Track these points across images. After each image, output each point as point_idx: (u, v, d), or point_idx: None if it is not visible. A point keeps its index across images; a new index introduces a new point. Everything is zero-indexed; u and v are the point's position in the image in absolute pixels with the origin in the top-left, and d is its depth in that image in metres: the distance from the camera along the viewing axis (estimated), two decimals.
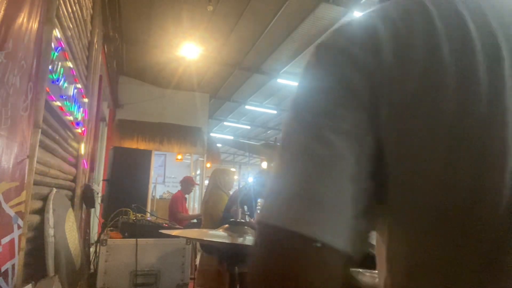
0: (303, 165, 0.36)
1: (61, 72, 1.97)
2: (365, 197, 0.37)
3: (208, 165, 9.19)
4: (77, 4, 2.47)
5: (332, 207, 0.35)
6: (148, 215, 3.69)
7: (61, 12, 2.01)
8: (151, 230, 2.69)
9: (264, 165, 3.14)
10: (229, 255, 1.51)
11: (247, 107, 9.74)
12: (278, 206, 0.36)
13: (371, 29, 0.40)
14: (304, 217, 0.34)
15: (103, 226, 3.09)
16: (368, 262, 0.46)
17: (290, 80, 7.62)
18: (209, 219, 3.33)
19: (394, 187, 0.38)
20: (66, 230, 2.03)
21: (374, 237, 0.47)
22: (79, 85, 2.52)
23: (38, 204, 1.80)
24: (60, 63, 1.93)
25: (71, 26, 2.31)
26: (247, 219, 2.61)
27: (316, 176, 0.35)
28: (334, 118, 0.38)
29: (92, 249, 3.13)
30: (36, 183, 1.65)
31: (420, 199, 0.37)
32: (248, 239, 1.44)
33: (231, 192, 3.47)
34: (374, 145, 0.38)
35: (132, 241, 2.56)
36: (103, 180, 4.69)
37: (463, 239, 0.36)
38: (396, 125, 0.37)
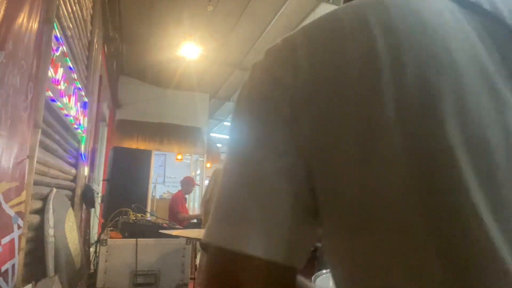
0: (232, 186, 0.40)
1: (61, 72, 1.97)
2: (296, 207, 0.39)
3: (208, 165, 9.19)
4: (77, 4, 2.48)
5: (262, 221, 0.37)
6: (148, 215, 3.69)
7: (61, 12, 2.01)
8: (151, 230, 2.69)
9: None
10: None
11: None
12: (214, 224, 0.39)
13: (292, 46, 0.44)
14: (233, 234, 0.37)
15: (103, 226, 3.09)
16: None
17: None
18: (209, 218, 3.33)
19: (320, 196, 0.40)
20: (66, 230, 2.03)
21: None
22: (79, 85, 2.52)
23: (38, 204, 1.80)
24: (60, 63, 1.94)
25: (71, 26, 2.31)
26: None
27: (244, 194, 0.38)
28: (262, 137, 0.40)
29: (92, 249, 3.13)
30: (36, 183, 1.65)
31: (343, 204, 0.38)
32: None
33: None
34: (298, 157, 0.39)
35: (132, 241, 2.56)
36: (103, 180, 4.69)
37: (385, 240, 0.36)
38: (314, 137, 0.39)
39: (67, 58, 2.11)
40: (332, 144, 0.38)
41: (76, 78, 2.39)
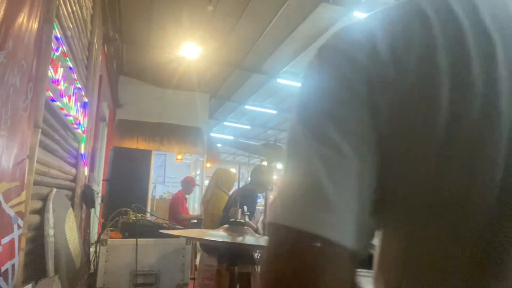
0: (310, 166, 0.37)
1: (61, 72, 1.97)
2: (369, 195, 0.38)
3: (208, 165, 9.19)
4: (77, 4, 2.47)
5: (339, 205, 0.35)
6: (148, 215, 3.69)
7: (61, 12, 2.01)
8: (151, 230, 2.69)
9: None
10: (229, 255, 1.51)
11: (247, 107, 9.74)
12: (287, 206, 0.37)
13: (370, 32, 0.42)
14: (311, 216, 0.35)
15: (103, 226, 3.09)
16: (368, 262, 0.47)
17: (290, 80, 7.62)
18: (210, 218, 3.33)
19: (388, 185, 0.40)
20: (66, 230, 2.03)
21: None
22: (79, 85, 2.52)
23: (38, 204, 1.80)
24: (60, 63, 1.93)
25: (71, 26, 2.31)
26: (247, 219, 2.61)
27: (323, 176, 0.36)
28: (337, 118, 0.39)
29: (92, 249, 3.13)
30: (36, 183, 1.64)
31: (413, 196, 0.38)
32: (248, 239, 1.44)
33: (230, 193, 3.47)
34: (375, 144, 0.39)
35: (132, 241, 2.55)
36: (103, 180, 4.69)
37: (454, 236, 0.37)
38: (392, 126, 0.39)
39: (67, 58, 2.11)
40: (414, 132, 0.38)
41: (76, 78, 2.39)
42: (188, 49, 5.83)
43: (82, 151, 2.93)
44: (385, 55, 0.40)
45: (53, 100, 1.89)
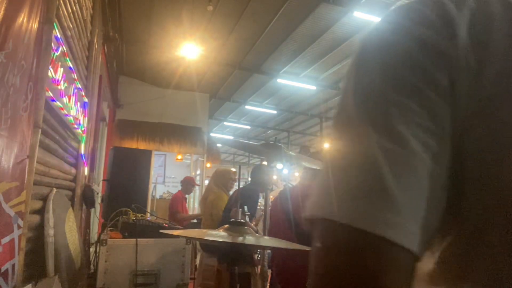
0: (374, 160, 0.33)
1: (61, 72, 1.97)
2: (438, 196, 0.35)
3: (208, 165, 9.19)
4: (77, 4, 2.48)
5: (407, 207, 0.32)
6: (148, 215, 3.69)
7: (61, 12, 2.01)
8: (151, 230, 2.69)
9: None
10: (229, 255, 1.51)
11: (247, 107, 9.74)
12: (346, 202, 0.33)
13: (443, 9, 0.37)
14: (376, 216, 0.32)
15: (103, 226, 3.09)
16: None
17: (290, 80, 7.62)
18: (209, 218, 3.33)
19: (465, 185, 0.35)
20: (66, 230, 2.03)
21: None
22: (79, 85, 2.52)
23: (38, 204, 1.80)
24: (60, 63, 1.93)
25: (71, 26, 2.31)
26: (247, 219, 2.61)
27: (388, 173, 0.32)
28: (404, 109, 0.34)
29: (92, 249, 3.13)
30: (36, 183, 1.65)
31: (496, 199, 0.34)
32: (248, 239, 1.44)
33: (231, 193, 3.47)
34: (451, 142, 0.35)
35: (132, 241, 2.55)
36: (103, 180, 4.69)
37: None
38: (476, 121, 0.35)
39: (67, 58, 2.11)
40: (499, 131, 0.33)
41: (76, 78, 2.39)
42: (188, 49, 5.84)
43: (82, 151, 2.93)
44: (464, 38, 0.35)
45: (53, 100, 1.89)
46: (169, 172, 10.34)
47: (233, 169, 3.83)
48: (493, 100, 0.34)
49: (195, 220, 4.99)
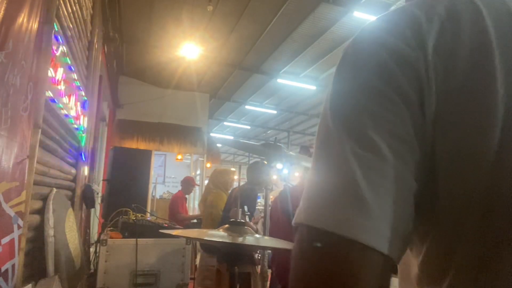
0: (348, 166, 0.35)
1: (61, 72, 1.97)
2: (410, 199, 0.36)
3: (208, 165, 9.19)
4: (77, 4, 2.47)
5: (379, 211, 0.33)
6: (148, 215, 3.69)
7: (61, 12, 2.01)
8: (151, 230, 2.69)
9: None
10: (229, 255, 1.51)
11: (247, 107, 9.74)
12: (320, 208, 0.35)
13: (414, 22, 0.39)
14: (349, 220, 0.33)
15: (103, 226, 3.09)
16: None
17: (290, 80, 7.62)
18: (209, 218, 3.33)
19: (436, 185, 0.37)
20: (66, 230, 2.02)
21: None
22: (79, 85, 2.52)
23: (38, 204, 1.80)
24: (60, 63, 1.93)
25: (71, 26, 2.31)
26: (247, 219, 2.61)
27: (362, 179, 0.34)
28: (376, 117, 0.36)
29: (92, 249, 3.13)
30: (36, 183, 1.64)
31: (466, 195, 0.35)
32: (248, 239, 1.44)
33: (229, 192, 3.47)
34: (420, 145, 0.36)
35: (132, 241, 2.55)
36: (103, 180, 4.69)
37: (508, 238, 0.34)
38: (443, 123, 0.36)
39: (67, 58, 2.11)
40: (466, 137, 0.35)
41: (76, 78, 2.39)
42: (188, 49, 5.84)
43: (82, 151, 2.93)
44: (431, 45, 0.37)
45: (53, 100, 1.89)
46: (169, 172, 10.34)
47: (233, 169, 3.83)
48: (460, 106, 0.36)
49: (195, 220, 4.99)
